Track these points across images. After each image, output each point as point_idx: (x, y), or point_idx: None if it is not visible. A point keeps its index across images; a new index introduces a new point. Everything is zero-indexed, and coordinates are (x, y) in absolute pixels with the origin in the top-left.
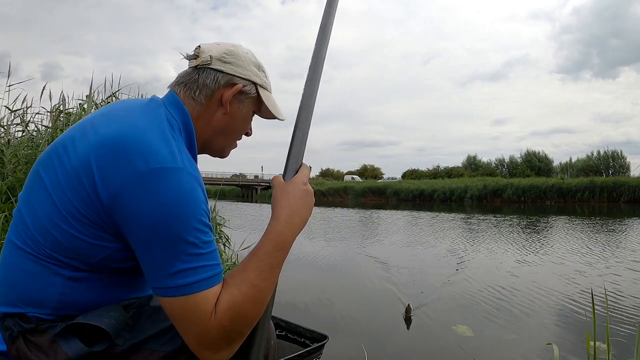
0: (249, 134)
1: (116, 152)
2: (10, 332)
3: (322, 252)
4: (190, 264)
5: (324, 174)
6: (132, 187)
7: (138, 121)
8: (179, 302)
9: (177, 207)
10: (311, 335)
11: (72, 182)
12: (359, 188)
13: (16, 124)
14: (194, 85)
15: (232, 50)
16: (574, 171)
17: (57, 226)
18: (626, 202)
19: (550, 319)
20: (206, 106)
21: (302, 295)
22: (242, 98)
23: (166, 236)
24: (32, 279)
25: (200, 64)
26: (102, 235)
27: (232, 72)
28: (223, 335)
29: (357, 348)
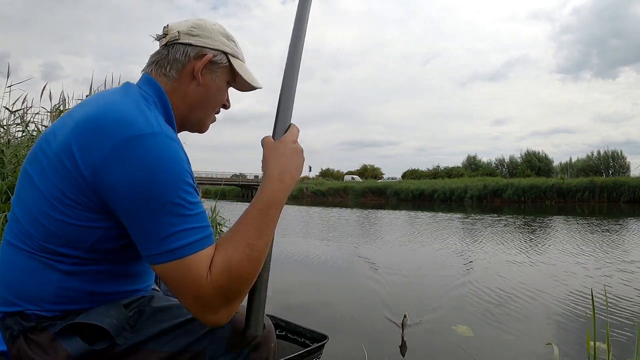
0: (227, 106)
1: (93, 128)
2: (10, 331)
3: (322, 252)
4: (179, 226)
5: (324, 174)
6: (112, 158)
7: (112, 98)
8: (172, 266)
9: (159, 170)
10: (311, 335)
11: (56, 167)
12: (359, 188)
13: (16, 125)
14: (164, 62)
15: (199, 24)
16: (574, 171)
17: (46, 215)
18: (626, 202)
19: (550, 319)
20: (179, 80)
21: (302, 295)
22: (214, 68)
23: (151, 201)
24: (28, 276)
25: (169, 41)
26: (91, 216)
27: (201, 44)
28: (221, 295)
29: (357, 348)
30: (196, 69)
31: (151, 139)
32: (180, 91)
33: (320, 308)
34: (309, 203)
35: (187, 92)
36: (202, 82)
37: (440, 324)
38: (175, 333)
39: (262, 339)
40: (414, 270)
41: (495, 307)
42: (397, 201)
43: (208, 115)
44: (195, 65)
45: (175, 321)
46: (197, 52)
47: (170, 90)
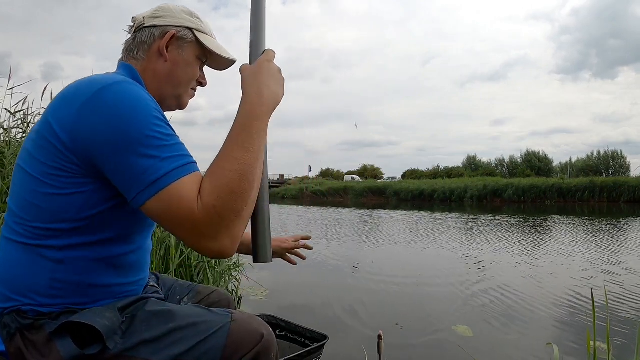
0: (203, 84)
1: (63, 96)
2: (8, 329)
3: (322, 252)
4: (157, 157)
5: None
6: (82, 113)
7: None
8: (159, 199)
9: (126, 110)
10: (311, 335)
11: (38, 144)
12: (359, 188)
13: (17, 126)
14: (132, 47)
15: (162, 6)
16: (574, 171)
17: (34, 193)
18: (626, 202)
19: (551, 319)
20: (147, 60)
21: (302, 295)
22: (180, 44)
23: (125, 141)
24: (22, 268)
25: (137, 28)
26: (75, 181)
27: (164, 24)
28: (215, 216)
29: (357, 348)
30: (161, 46)
31: (114, 87)
32: (150, 70)
33: (320, 308)
34: (309, 203)
35: (157, 69)
36: (169, 58)
37: (440, 324)
38: (168, 341)
39: (261, 349)
40: (413, 270)
41: (495, 307)
42: (397, 201)
43: (181, 91)
44: (160, 44)
45: (168, 327)
46: (161, 32)
47: (142, 70)
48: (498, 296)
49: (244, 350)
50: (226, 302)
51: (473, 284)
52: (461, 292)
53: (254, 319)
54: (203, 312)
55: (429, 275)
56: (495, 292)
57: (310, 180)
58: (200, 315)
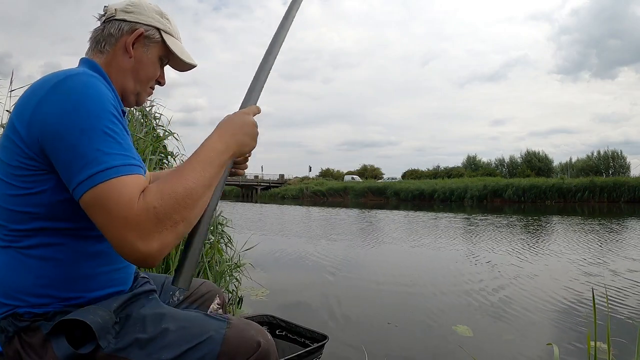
0: (162, 83)
1: (27, 94)
2: (6, 333)
3: (322, 252)
4: (104, 150)
5: (324, 174)
6: (40, 106)
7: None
8: (98, 191)
9: (81, 100)
10: (311, 335)
11: (4, 145)
12: (359, 188)
13: None
14: (100, 38)
15: (134, 2)
16: (574, 171)
17: (4, 197)
18: (626, 202)
19: (551, 319)
20: (112, 54)
21: (302, 295)
22: (146, 42)
23: (74, 129)
24: (9, 272)
25: (107, 18)
26: (37, 178)
27: (134, 20)
28: (153, 217)
29: (357, 348)
30: (128, 42)
31: (72, 78)
32: (114, 64)
33: (320, 308)
34: (309, 203)
35: (121, 64)
36: (133, 55)
37: (440, 324)
38: (161, 343)
39: (258, 357)
40: (414, 270)
41: (495, 307)
42: (397, 201)
43: (142, 88)
44: (127, 39)
45: (162, 329)
46: (130, 27)
47: (105, 63)
48: (498, 296)
49: (239, 358)
50: (213, 294)
51: (473, 284)
52: (461, 292)
53: (252, 326)
54: (199, 316)
55: (429, 275)
56: (495, 292)
57: (310, 180)
58: (195, 319)
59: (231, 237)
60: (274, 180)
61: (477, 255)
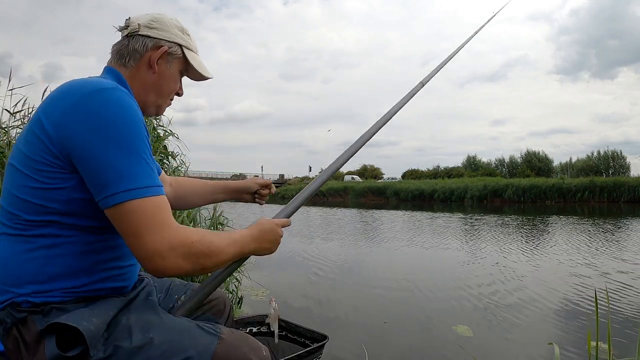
0: (180, 94)
1: (55, 95)
2: (4, 325)
3: (322, 252)
4: (138, 172)
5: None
6: (72, 109)
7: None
8: (134, 205)
9: (117, 115)
10: (311, 335)
11: (27, 140)
12: (359, 188)
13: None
14: (124, 52)
15: (158, 17)
16: (574, 171)
17: (21, 187)
18: (626, 202)
19: (551, 319)
20: (136, 68)
21: (302, 295)
22: (169, 58)
23: (109, 142)
24: (16, 258)
25: (130, 33)
26: (58, 175)
27: (158, 36)
28: (187, 245)
29: (357, 348)
30: (152, 58)
31: (109, 92)
32: (138, 78)
33: (321, 308)
34: (309, 203)
35: (145, 79)
36: (157, 70)
37: (440, 324)
38: (145, 354)
39: None
40: (414, 270)
41: (495, 307)
42: (397, 201)
43: (163, 101)
44: (152, 56)
45: (148, 339)
46: (154, 44)
47: (129, 77)
48: (498, 296)
49: None
50: (222, 300)
51: (473, 284)
52: (461, 291)
53: (247, 342)
54: (190, 327)
55: (430, 275)
56: (495, 291)
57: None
58: (184, 331)
59: None
60: (274, 181)
61: (477, 255)
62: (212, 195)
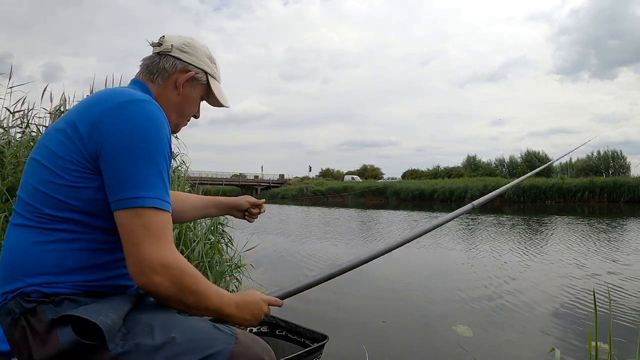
0: (197, 117)
1: (92, 100)
2: (12, 315)
3: (322, 252)
4: (157, 182)
5: (324, 174)
6: (108, 114)
7: (114, 88)
8: (140, 212)
9: (148, 128)
10: (311, 335)
11: (57, 138)
12: (359, 188)
13: (17, 126)
14: (154, 69)
15: (190, 42)
16: (574, 171)
17: (46, 182)
18: (626, 202)
19: (551, 319)
20: (163, 87)
21: (303, 295)
22: (194, 83)
23: (138, 152)
24: (31, 247)
25: (162, 51)
26: (84, 175)
27: (188, 61)
28: (175, 269)
29: (358, 348)
30: (179, 80)
31: (144, 104)
32: (164, 96)
33: (321, 308)
34: (309, 203)
35: (169, 98)
36: (181, 92)
37: (440, 324)
38: (167, 352)
39: None
40: (414, 270)
41: (495, 307)
42: (397, 201)
43: (182, 121)
44: (179, 78)
45: (169, 337)
46: (183, 67)
47: (156, 94)
48: (498, 296)
49: None
50: None
51: (473, 284)
52: (461, 292)
53: (258, 342)
54: (207, 327)
55: (430, 276)
56: (495, 292)
57: (310, 180)
58: (203, 330)
59: (232, 237)
60: (274, 180)
61: (477, 254)
62: (205, 210)
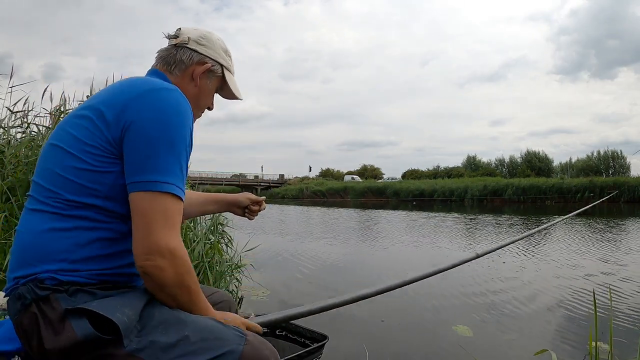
0: (211, 109)
1: (119, 88)
2: (23, 300)
3: (322, 252)
4: (175, 169)
5: (324, 174)
6: (135, 100)
7: (138, 77)
8: (156, 196)
9: (173, 116)
10: (311, 335)
11: (80, 124)
12: (359, 188)
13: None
14: (171, 60)
15: (207, 35)
16: (574, 171)
17: (67, 168)
18: (626, 202)
19: (551, 319)
20: (181, 78)
21: (303, 295)
22: (210, 75)
23: (160, 138)
24: (48, 235)
25: (179, 43)
26: (107, 160)
27: (204, 53)
28: (181, 264)
29: (358, 348)
30: (196, 72)
31: (171, 92)
32: (181, 87)
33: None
34: (309, 203)
35: (186, 89)
36: (198, 84)
37: (440, 324)
38: (180, 350)
39: None
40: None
41: (495, 307)
42: (397, 201)
43: (198, 112)
44: (195, 69)
45: (183, 336)
46: (199, 59)
47: (174, 84)
48: (498, 296)
49: None
50: (227, 304)
51: (473, 284)
52: (461, 292)
53: (265, 344)
54: (219, 326)
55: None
56: (495, 291)
57: (310, 180)
58: (215, 329)
59: (232, 237)
60: (274, 180)
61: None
62: (204, 206)
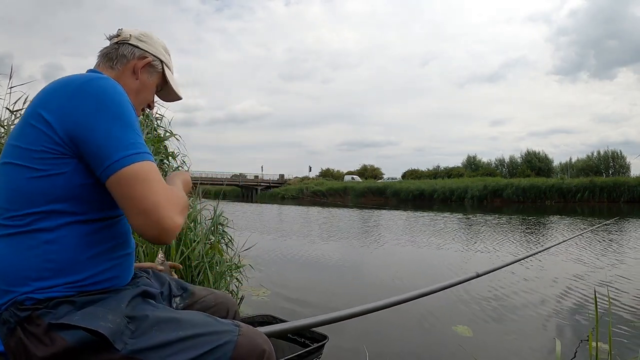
0: (151, 108)
1: (53, 89)
2: (8, 325)
3: (322, 251)
4: (135, 139)
5: (324, 174)
6: (74, 97)
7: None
8: (136, 168)
9: (112, 96)
10: (311, 335)
11: (24, 133)
12: (359, 188)
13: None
14: (113, 55)
15: (147, 33)
16: (574, 171)
17: (20, 181)
18: (626, 202)
19: (551, 319)
20: (122, 72)
21: (303, 295)
22: (150, 70)
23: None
24: (15, 257)
25: (120, 40)
26: (57, 162)
27: (145, 49)
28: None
29: (358, 348)
30: (137, 66)
31: (104, 80)
32: (122, 81)
33: (321, 308)
34: (309, 203)
35: (127, 83)
36: (139, 78)
37: (440, 324)
38: (177, 348)
39: None
40: (413, 269)
41: (495, 307)
42: (397, 201)
43: (137, 108)
44: (137, 64)
45: (178, 335)
46: (141, 54)
47: (115, 78)
48: (498, 296)
49: None
50: (224, 305)
51: (473, 284)
52: (461, 292)
53: (258, 334)
54: (212, 321)
55: (429, 275)
56: (495, 292)
57: (310, 180)
58: (210, 324)
59: (232, 237)
60: (274, 180)
61: (476, 255)
62: None
